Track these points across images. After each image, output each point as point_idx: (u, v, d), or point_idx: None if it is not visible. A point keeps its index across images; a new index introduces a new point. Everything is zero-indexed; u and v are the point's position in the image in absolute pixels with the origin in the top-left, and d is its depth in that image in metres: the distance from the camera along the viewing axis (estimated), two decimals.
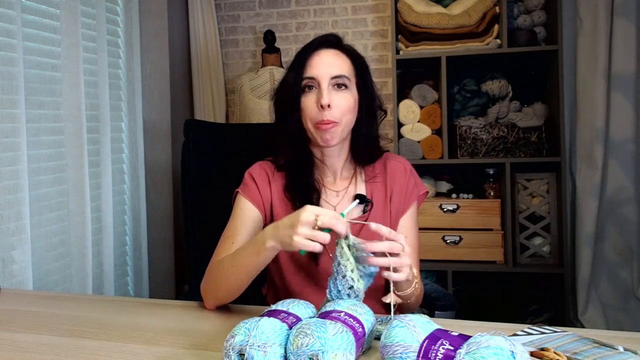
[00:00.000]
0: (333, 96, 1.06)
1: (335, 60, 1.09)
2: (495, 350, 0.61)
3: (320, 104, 1.05)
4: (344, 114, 1.07)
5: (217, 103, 2.78)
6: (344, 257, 0.87)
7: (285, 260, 1.12)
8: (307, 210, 0.86)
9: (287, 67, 1.14)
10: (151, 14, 2.31)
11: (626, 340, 0.82)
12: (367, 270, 0.89)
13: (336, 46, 1.11)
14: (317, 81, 1.07)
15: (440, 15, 2.35)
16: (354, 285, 0.86)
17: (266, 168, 1.17)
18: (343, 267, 0.87)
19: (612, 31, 2.27)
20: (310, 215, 0.85)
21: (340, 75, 1.07)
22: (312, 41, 1.12)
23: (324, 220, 0.85)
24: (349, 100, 1.08)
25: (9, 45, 1.52)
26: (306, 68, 1.08)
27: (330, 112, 1.05)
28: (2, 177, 1.50)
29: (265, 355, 0.69)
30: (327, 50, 1.10)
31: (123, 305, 1.11)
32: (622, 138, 2.32)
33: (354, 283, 0.86)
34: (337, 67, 1.08)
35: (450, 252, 2.36)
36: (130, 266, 2.18)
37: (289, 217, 0.90)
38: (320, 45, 1.10)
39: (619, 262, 2.36)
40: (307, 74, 1.07)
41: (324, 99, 1.04)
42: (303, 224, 0.85)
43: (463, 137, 2.37)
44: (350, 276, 0.86)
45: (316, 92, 1.07)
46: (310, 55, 1.09)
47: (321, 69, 1.07)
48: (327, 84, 1.06)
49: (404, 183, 1.17)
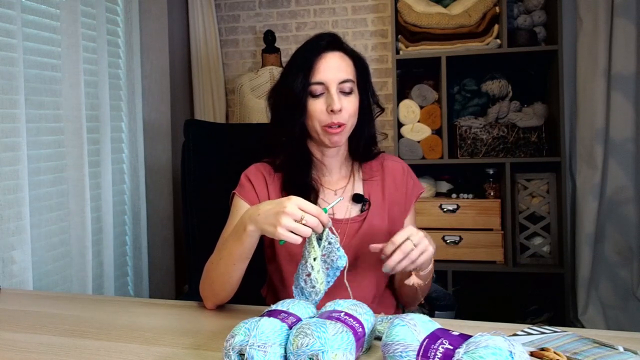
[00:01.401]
0: (342, 101, 1.07)
1: (341, 64, 1.09)
2: (494, 350, 0.61)
3: (331, 109, 1.05)
4: (350, 116, 1.09)
5: (217, 103, 2.78)
6: (311, 254, 0.89)
7: (284, 261, 1.12)
8: (292, 201, 0.86)
9: (287, 66, 1.13)
10: (151, 14, 2.31)
11: (626, 340, 0.82)
12: (334, 264, 0.92)
13: (340, 48, 1.11)
14: (326, 86, 1.07)
15: (440, 15, 2.35)
16: (316, 286, 0.89)
17: (262, 170, 1.17)
18: (309, 267, 0.89)
19: (612, 31, 2.27)
20: (295, 209, 0.86)
21: (347, 80, 1.08)
22: (316, 42, 1.10)
23: (309, 221, 0.86)
24: (354, 104, 1.09)
25: (9, 45, 1.52)
26: (313, 72, 1.07)
27: (341, 115, 1.06)
28: (2, 177, 1.50)
29: (265, 355, 0.69)
30: (333, 54, 1.09)
31: (123, 305, 1.11)
32: (622, 138, 2.32)
33: (312, 271, 0.89)
34: (344, 71, 1.08)
35: (450, 252, 2.36)
36: (130, 266, 2.18)
37: (272, 203, 0.89)
38: (326, 47, 1.09)
39: (619, 262, 2.36)
40: (315, 78, 1.07)
41: (335, 105, 1.05)
42: (287, 215, 0.85)
43: (463, 137, 2.38)
44: (311, 263, 0.89)
45: (325, 96, 1.07)
46: (316, 58, 1.08)
47: (329, 74, 1.07)
48: (335, 89, 1.06)
49: (403, 184, 1.18)
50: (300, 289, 0.91)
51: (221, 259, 0.99)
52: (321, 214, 0.88)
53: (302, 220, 0.85)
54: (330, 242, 0.91)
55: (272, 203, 0.90)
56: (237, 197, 1.14)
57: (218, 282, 1.01)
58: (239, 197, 1.14)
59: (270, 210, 0.88)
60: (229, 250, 0.97)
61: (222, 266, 0.99)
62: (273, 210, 0.87)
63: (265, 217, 0.88)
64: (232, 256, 0.96)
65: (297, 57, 1.12)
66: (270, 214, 0.87)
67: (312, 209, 0.87)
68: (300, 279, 0.91)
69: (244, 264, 0.98)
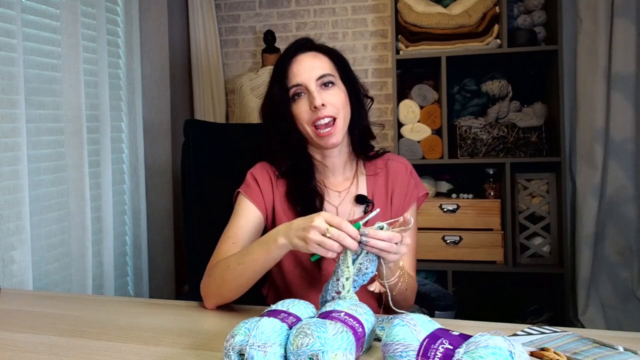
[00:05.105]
0: (324, 95, 1.06)
1: (314, 61, 1.09)
2: (494, 350, 0.61)
3: (313, 106, 1.05)
4: (339, 109, 1.08)
5: (217, 103, 2.78)
6: (344, 273, 0.89)
7: (287, 262, 1.12)
8: (320, 217, 0.87)
9: (270, 79, 1.14)
10: (151, 14, 2.31)
11: (626, 340, 0.82)
12: (361, 278, 0.91)
13: (311, 48, 1.12)
14: (304, 86, 1.07)
15: (440, 15, 2.35)
16: (342, 292, 0.88)
17: (269, 170, 1.17)
18: (340, 286, 0.89)
19: (612, 31, 2.27)
20: (321, 222, 0.86)
21: (325, 74, 1.08)
22: (287, 50, 1.12)
23: (333, 233, 0.85)
24: (339, 96, 1.09)
25: (9, 45, 1.52)
26: (289, 77, 1.08)
27: (326, 109, 1.06)
28: (2, 177, 1.50)
29: (265, 355, 0.69)
30: (305, 54, 1.10)
31: (123, 305, 1.11)
32: (622, 138, 2.32)
33: (342, 290, 0.88)
34: (319, 67, 1.08)
35: (450, 252, 2.36)
36: (130, 266, 2.18)
37: (303, 219, 0.90)
38: (296, 51, 1.11)
39: (619, 262, 2.36)
40: (292, 82, 1.08)
41: (316, 100, 1.05)
42: (314, 229, 0.86)
43: (463, 137, 2.38)
44: (343, 282, 0.89)
45: (306, 97, 1.08)
46: (289, 63, 1.09)
47: (305, 74, 1.07)
48: (314, 86, 1.07)
49: (405, 183, 1.17)
50: (325, 301, 0.91)
51: (241, 264, 0.98)
52: (345, 225, 0.86)
53: (327, 233, 0.85)
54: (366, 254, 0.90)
55: (303, 218, 0.91)
56: (242, 196, 1.14)
57: (231, 285, 1.00)
58: (244, 196, 1.13)
59: (301, 225, 0.89)
60: (253, 257, 0.97)
61: (240, 271, 0.98)
62: (302, 225, 0.88)
63: (295, 231, 0.90)
64: (256, 264, 0.97)
65: (275, 68, 1.13)
66: (300, 228, 0.89)
67: (336, 222, 0.86)
68: (328, 294, 0.91)
69: (262, 273, 0.99)
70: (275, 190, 1.14)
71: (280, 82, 1.09)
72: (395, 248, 0.87)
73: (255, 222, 1.11)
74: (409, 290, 1.05)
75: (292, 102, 1.09)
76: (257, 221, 1.11)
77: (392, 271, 0.96)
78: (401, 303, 1.04)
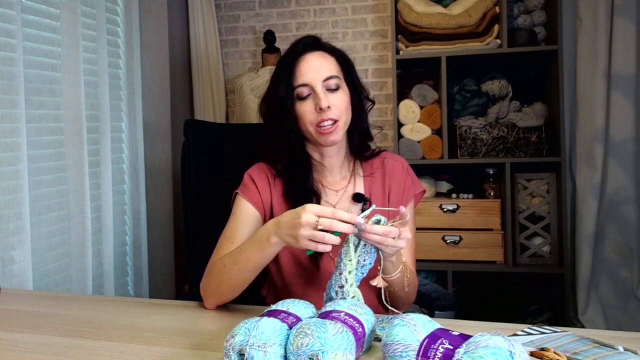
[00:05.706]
0: (329, 98, 1.06)
1: (322, 62, 1.09)
2: (494, 350, 0.61)
3: (319, 107, 1.05)
4: (342, 112, 1.08)
5: (217, 103, 2.78)
6: (347, 267, 0.89)
7: (286, 262, 1.12)
8: (307, 210, 0.86)
9: (272, 76, 1.13)
10: (151, 14, 2.31)
11: (626, 340, 0.82)
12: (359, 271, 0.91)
13: (319, 47, 1.12)
14: (311, 87, 1.07)
15: (440, 15, 2.35)
16: (345, 286, 0.88)
17: (266, 170, 1.17)
18: (343, 279, 0.88)
19: (612, 31, 2.27)
20: (310, 216, 0.85)
21: (332, 77, 1.08)
22: (294, 47, 1.12)
23: (324, 223, 0.84)
24: (344, 99, 1.09)
25: (9, 45, 1.52)
26: (296, 75, 1.08)
27: (330, 111, 1.06)
28: (2, 177, 1.50)
29: (265, 355, 0.69)
30: (313, 54, 1.10)
31: (123, 305, 1.11)
32: (622, 138, 2.32)
33: (345, 284, 0.88)
34: (327, 68, 1.08)
35: (450, 252, 2.36)
36: (130, 266, 2.18)
37: (290, 214, 0.89)
38: (303, 50, 1.10)
39: (619, 262, 2.36)
40: (299, 81, 1.07)
41: (323, 103, 1.04)
42: (304, 226, 0.85)
43: (463, 137, 2.38)
44: (345, 276, 0.88)
45: (312, 97, 1.07)
46: (296, 61, 1.09)
47: (312, 74, 1.07)
48: (321, 88, 1.06)
49: (402, 181, 1.17)
50: (330, 298, 0.91)
51: (236, 263, 0.98)
52: (337, 212, 0.85)
53: (318, 225, 0.84)
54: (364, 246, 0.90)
55: (290, 214, 0.89)
56: (240, 197, 1.14)
57: (228, 285, 1.00)
58: (241, 197, 1.13)
59: (289, 222, 0.88)
60: (247, 256, 0.97)
61: (235, 270, 0.98)
62: (290, 223, 0.87)
63: (285, 229, 0.89)
64: (250, 263, 0.96)
65: (280, 65, 1.12)
66: (289, 226, 0.88)
67: (327, 212, 0.85)
68: (332, 289, 0.90)
69: (258, 271, 0.98)
70: (272, 190, 1.14)
71: (286, 80, 1.08)
72: (392, 241, 0.87)
73: (253, 223, 1.11)
74: (411, 286, 1.06)
75: (296, 101, 1.09)
76: (255, 221, 1.11)
77: (394, 265, 0.96)
78: (402, 299, 1.04)
